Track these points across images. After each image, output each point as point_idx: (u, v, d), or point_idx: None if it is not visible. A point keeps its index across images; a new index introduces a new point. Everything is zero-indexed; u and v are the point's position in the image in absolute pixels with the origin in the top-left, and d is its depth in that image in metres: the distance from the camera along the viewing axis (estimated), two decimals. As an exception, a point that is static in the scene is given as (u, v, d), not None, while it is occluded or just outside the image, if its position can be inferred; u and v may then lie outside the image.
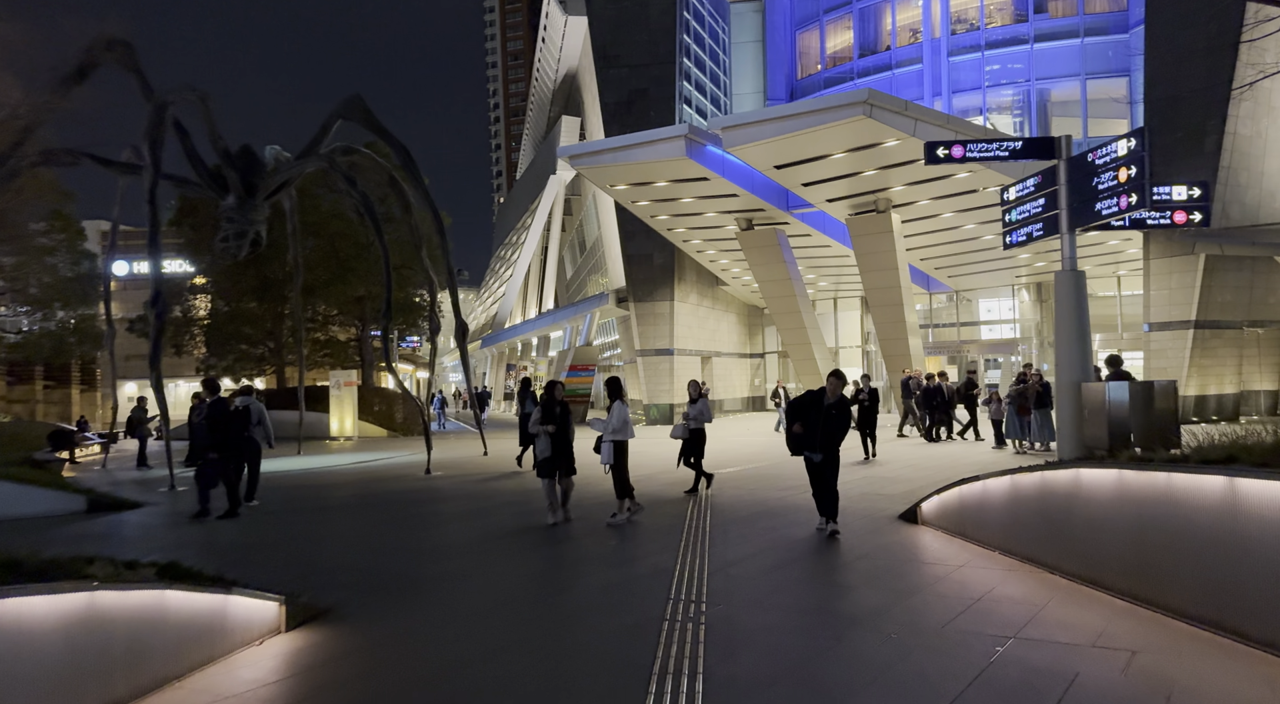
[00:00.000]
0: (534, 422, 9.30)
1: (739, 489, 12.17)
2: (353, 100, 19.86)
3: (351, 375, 30.61)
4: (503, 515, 10.44)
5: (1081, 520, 5.99)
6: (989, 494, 7.27)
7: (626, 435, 9.12)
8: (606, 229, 43.13)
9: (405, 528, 9.83)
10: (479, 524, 9.87)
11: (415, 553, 8.23)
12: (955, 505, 7.88)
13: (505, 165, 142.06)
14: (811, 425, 8.16)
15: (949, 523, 8.00)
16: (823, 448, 8.16)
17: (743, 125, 20.23)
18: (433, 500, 12.35)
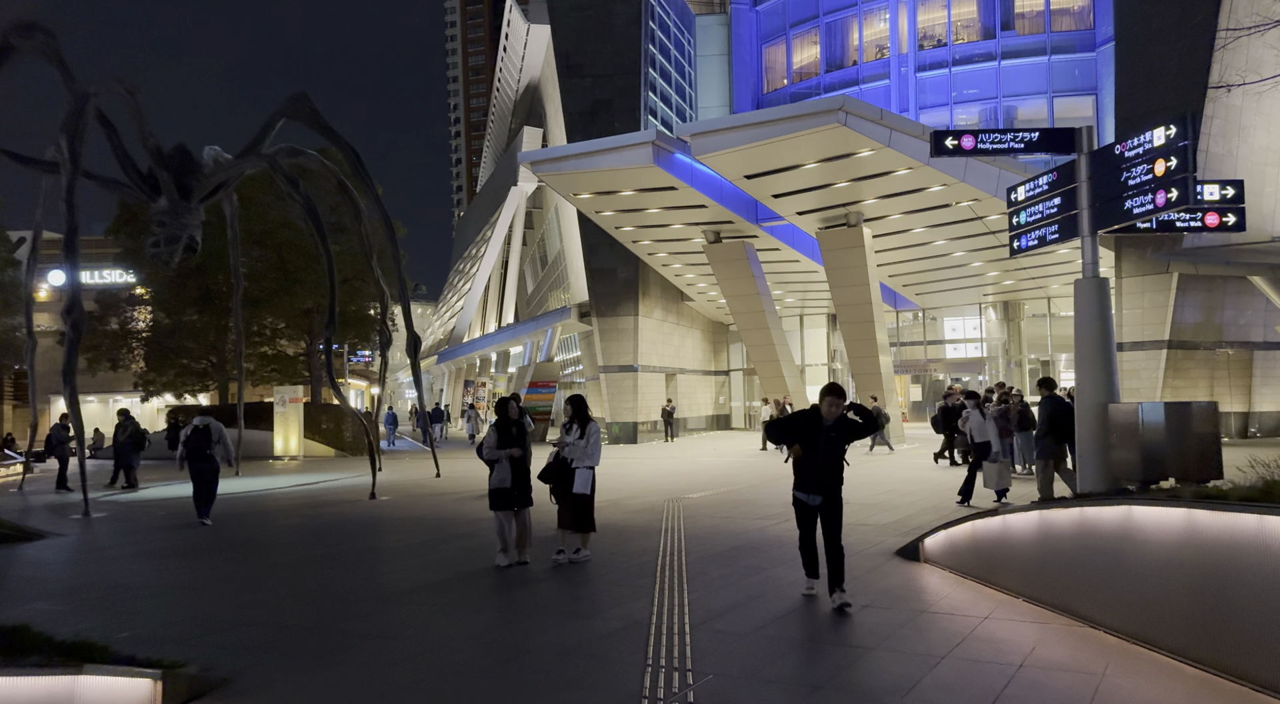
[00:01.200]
0: (489, 446, 8.15)
1: (713, 517, 11.12)
2: (298, 98, 18.62)
3: (297, 391, 29.07)
4: (449, 551, 9.25)
5: (1135, 568, 5.04)
6: (1011, 532, 6.31)
7: (596, 461, 8.04)
8: (569, 242, 42.08)
9: (336, 568, 8.60)
10: (421, 563, 8.67)
11: (343, 601, 7.03)
12: (967, 543, 6.91)
13: (466, 180, 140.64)
14: (805, 456, 6.39)
15: (959, 562, 7.03)
16: (821, 487, 6.35)
17: (713, 132, 19.38)
18: (372, 532, 11.11)
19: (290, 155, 19.59)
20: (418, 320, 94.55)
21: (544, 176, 22.41)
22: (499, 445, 8.10)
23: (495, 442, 8.12)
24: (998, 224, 24.52)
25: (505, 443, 8.12)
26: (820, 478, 6.37)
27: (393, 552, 9.44)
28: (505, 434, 8.18)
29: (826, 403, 6.54)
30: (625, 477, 17.44)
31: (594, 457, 8.00)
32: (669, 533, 9.91)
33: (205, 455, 12.29)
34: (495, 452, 8.07)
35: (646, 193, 22.91)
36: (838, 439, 6.47)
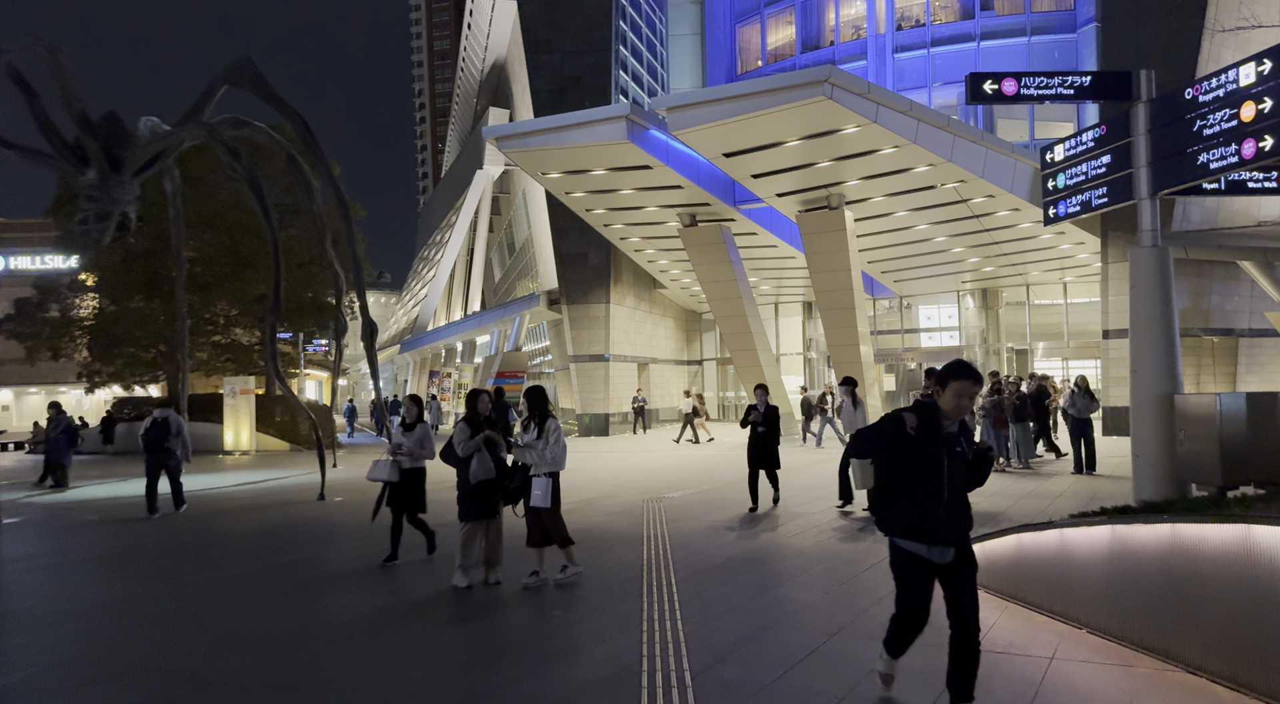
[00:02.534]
0: (461, 440, 6.98)
1: (699, 521, 10.02)
2: (242, 63, 17.13)
3: (249, 382, 27.49)
4: (402, 566, 8.04)
5: (1256, 603, 4.01)
6: (1072, 550, 5.26)
7: (559, 466, 6.85)
8: (537, 227, 40.72)
9: (266, 589, 7.35)
10: (367, 583, 7.46)
11: (267, 636, 5.82)
12: (1011, 560, 5.87)
13: (432, 167, 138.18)
14: (922, 482, 3.96)
15: (1001, 583, 5.99)
16: (952, 531, 4.00)
17: (691, 105, 18.21)
18: (316, 540, 9.86)
19: (235, 126, 18.11)
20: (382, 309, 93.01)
21: (510, 153, 21.10)
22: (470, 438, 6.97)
23: (468, 435, 6.96)
24: (982, 207, 23.70)
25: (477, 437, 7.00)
26: (950, 516, 3.94)
27: (335, 567, 8.21)
28: (477, 431, 7.03)
29: (954, 392, 3.92)
30: (598, 473, 16.31)
31: (557, 461, 6.81)
32: (652, 541, 8.79)
33: (163, 449, 12.26)
34: (469, 444, 6.92)
35: (619, 172, 21.70)
36: (964, 453, 4.03)
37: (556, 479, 6.82)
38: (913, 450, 3.96)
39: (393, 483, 7.85)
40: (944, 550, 4.01)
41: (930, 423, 3.97)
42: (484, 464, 6.97)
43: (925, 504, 3.95)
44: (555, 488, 6.79)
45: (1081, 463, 14.23)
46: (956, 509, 4.00)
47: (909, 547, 4.05)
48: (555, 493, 6.78)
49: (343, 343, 20.33)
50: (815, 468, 15.93)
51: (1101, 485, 12.51)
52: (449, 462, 7.11)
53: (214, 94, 17.26)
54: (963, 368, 4.02)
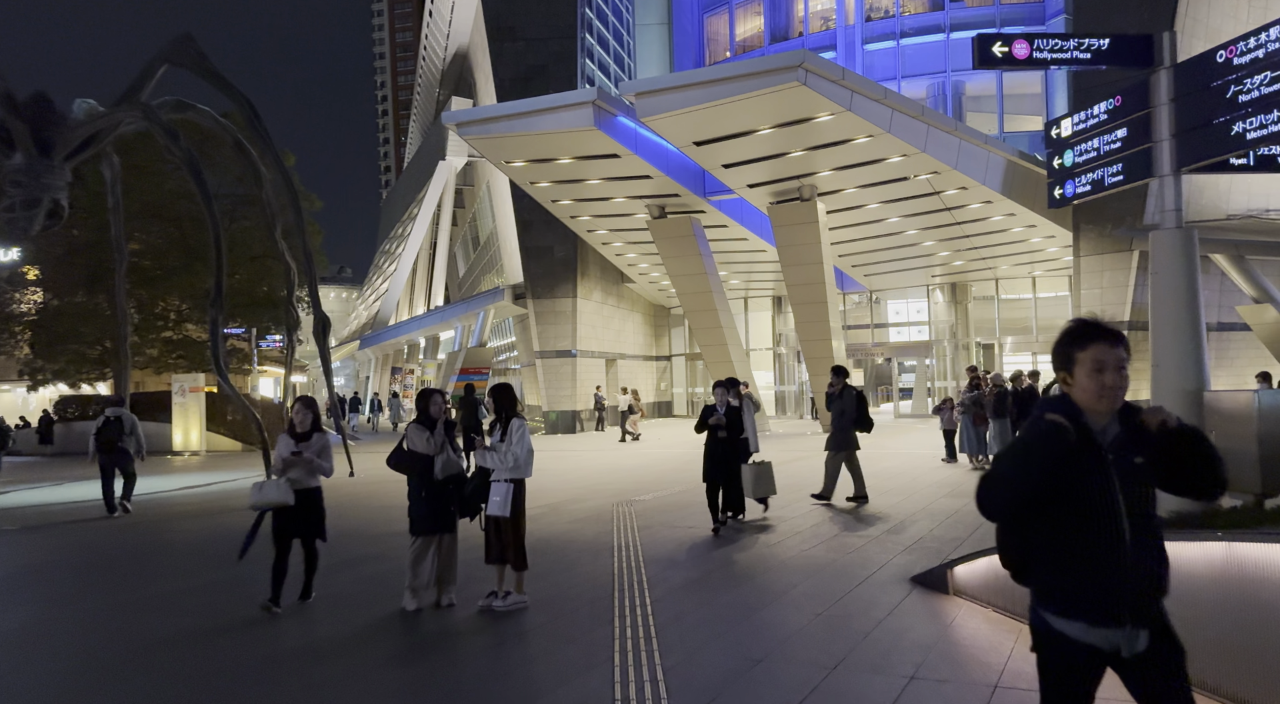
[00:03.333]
0: (428, 439, 6.25)
1: (672, 527, 9.34)
2: (182, 42, 16.15)
3: (198, 379, 26.33)
4: (344, 584, 7.26)
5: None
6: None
7: (525, 472, 6.13)
8: (502, 220, 39.81)
9: (186, 613, 6.53)
10: (304, 609, 6.67)
11: (171, 679, 5.03)
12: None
13: (394, 161, 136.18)
14: (1086, 526, 2.43)
15: (1014, 603, 5.38)
16: (1139, 604, 2.46)
17: (661, 91, 17.51)
18: (254, 555, 9.00)
19: (177, 109, 17.11)
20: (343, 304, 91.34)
21: (472, 141, 20.24)
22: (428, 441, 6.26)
23: (427, 436, 6.24)
24: (954, 200, 23.32)
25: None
26: (1137, 573, 2.44)
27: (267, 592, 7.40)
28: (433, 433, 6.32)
29: (1092, 365, 2.46)
30: (565, 474, 15.58)
31: (521, 466, 6.07)
32: (623, 550, 8.11)
33: (117, 449, 12.13)
34: (432, 439, 6.21)
35: (586, 161, 20.94)
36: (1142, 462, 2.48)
37: (520, 486, 6.10)
38: (1067, 478, 2.44)
39: (285, 507, 6.29)
40: (1133, 633, 2.44)
41: (1079, 431, 2.44)
42: (450, 459, 6.28)
43: (1095, 560, 2.42)
44: (518, 495, 6.07)
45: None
46: (1146, 558, 2.44)
47: (1068, 629, 2.49)
48: (518, 501, 6.06)
49: (296, 338, 19.43)
50: (784, 467, 15.33)
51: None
52: (400, 468, 6.36)
53: (153, 74, 16.25)
54: (1094, 328, 2.49)
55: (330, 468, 6.49)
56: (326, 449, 6.50)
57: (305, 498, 6.42)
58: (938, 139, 20.48)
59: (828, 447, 10.95)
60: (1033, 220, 24.87)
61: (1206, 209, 23.76)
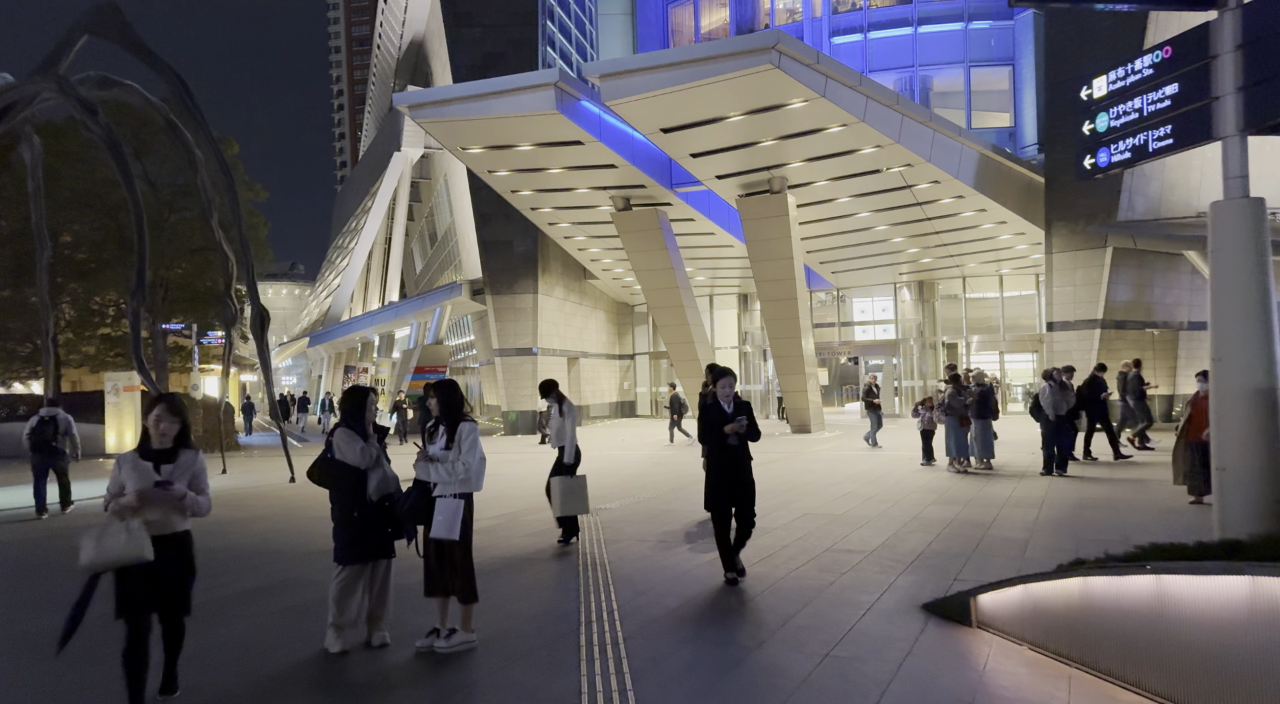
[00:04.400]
0: (361, 450, 5.22)
1: (643, 542, 8.40)
2: (104, 10, 14.81)
3: (133, 378, 24.75)
4: (259, 617, 6.19)
5: None
6: (1177, 604, 3.80)
7: (476, 485, 5.14)
8: (460, 214, 38.56)
9: (62, 655, 5.42)
10: (206, 645, 5.60)
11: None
12: (1075, 613, 4.42)
13: (350, 156, 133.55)
14: None
15: (1053, 640, 4.54)
16: None
17: (627, 72, 16.55)
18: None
19: (101, 86, 15.74)
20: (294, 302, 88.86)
21: (427, 125, 19.10)
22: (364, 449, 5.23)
23: (360, 443, 5.22)
24: (926, 194, 22.73)
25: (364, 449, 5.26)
26: None
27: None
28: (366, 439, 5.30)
29: None
30: (524, 479, 14.56)
31: (471, 478, 5.08)
32: (589, 571, 7.15)
33: (51, 448, 11.90)
34: (367, 450, 5.20)
35: (548, 148, 19.92)
36: None
37: (469, 502, 5.11)
38: None
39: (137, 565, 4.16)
40: None
41: None
42: (386, 474, 5.26)
43: None
44: (467, 513, 5.08)
45: (1052, 464, 13.18)
46: None
47: None
48: (466, 521, 5.07)
49: (235, 333, 18.16)
50: (761, 468, 14.47)
51: (1088, 491, 11.37)
52: (324, 482, 5.34)
53: (72, 44, 14.89)
54: None
55: (208, 503, 4.39)
56: (200, 474, 4.41)
57: (167, 549, 4.22)
58: (912, 130, 19.84)
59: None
60: (1003, 216, 24.40)
61: (1178, 206, 23.48)
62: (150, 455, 4.32)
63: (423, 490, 5.14)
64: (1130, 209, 22.22)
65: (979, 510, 9.81)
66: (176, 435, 4.37)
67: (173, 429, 4.36)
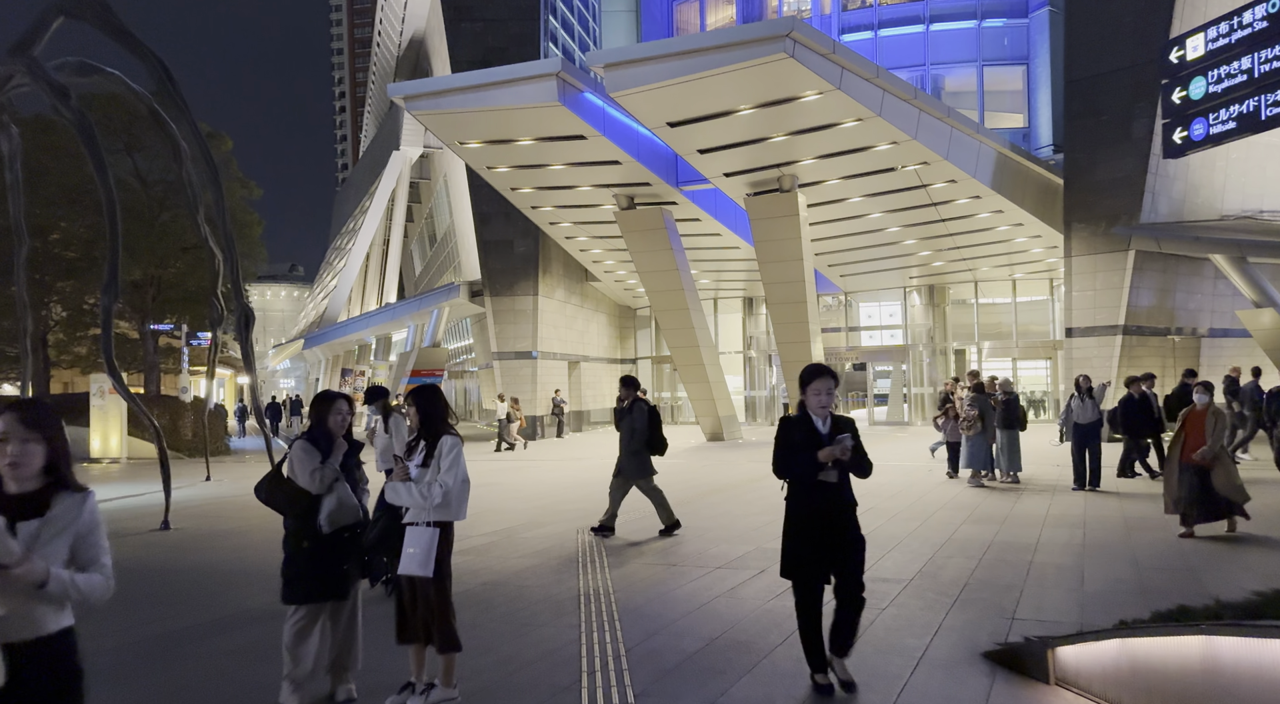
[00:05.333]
0: (313, 473, 4.39)
1: (651, 565, 7.55)
2: (82, -12, 14.04)
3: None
4: (202, 659, 5.37)
5: None
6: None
7: (456, 513, 4.30)
8: (459, 214, 37.80)
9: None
10: (140, 697, 4.77)
11: None
12: (1194, 676, 3.58)
13: (351, 158, 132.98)
14: None
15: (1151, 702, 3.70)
16: None
17: (633, 61, 15.76)
18: (117, 602, 7.05)
19: (81, 72, 14.93)
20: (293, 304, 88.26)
21: (424, 117, 18.30)
22: (323, 467, 4.39)
23: (317, 460, 4.39)
24: (941, 194, 21.93)
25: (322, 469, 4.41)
26: None
27: (111, 655, 5.48)
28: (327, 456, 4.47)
29: None
30: (523, 489, 13.74)
31: (451, 504, 4.20)
32: (592, 600, 6.32)
33: None
34: (322, 472, 4.35)
35: (549, 143, 19.11)
36: None
37: (447, 532, 4.27)
38: None
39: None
40: None
41: None
42: (343, 501, 4.42)
43: None
44: (444, 546, 4.24)
45: (1084, 477, 12.34)
46: None
47: None
48: (443, 554, 4.24)
49: (221, 333, 17.37)
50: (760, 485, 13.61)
51: (1131, 509, 10.53)
52: (272, 504, 4.52)
53: (47, 26, 14.07)
54: None
55: (104, 583, 2.42)
56: (89, 536, 2.46)
57: (27, 664, 2.31)
58: (929, 126, 19.05)
59: (616, 472, 9.31)
60: (1020, 218, 23.61)
61: (1201, 209, 22.68)
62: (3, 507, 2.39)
63: (393, 516, 4.31)
64: (1153, 211, 21.40)
65: (1018, 531, 8.98)
66: (44, 469, 2.44)
67: (31, 460, 2.40)
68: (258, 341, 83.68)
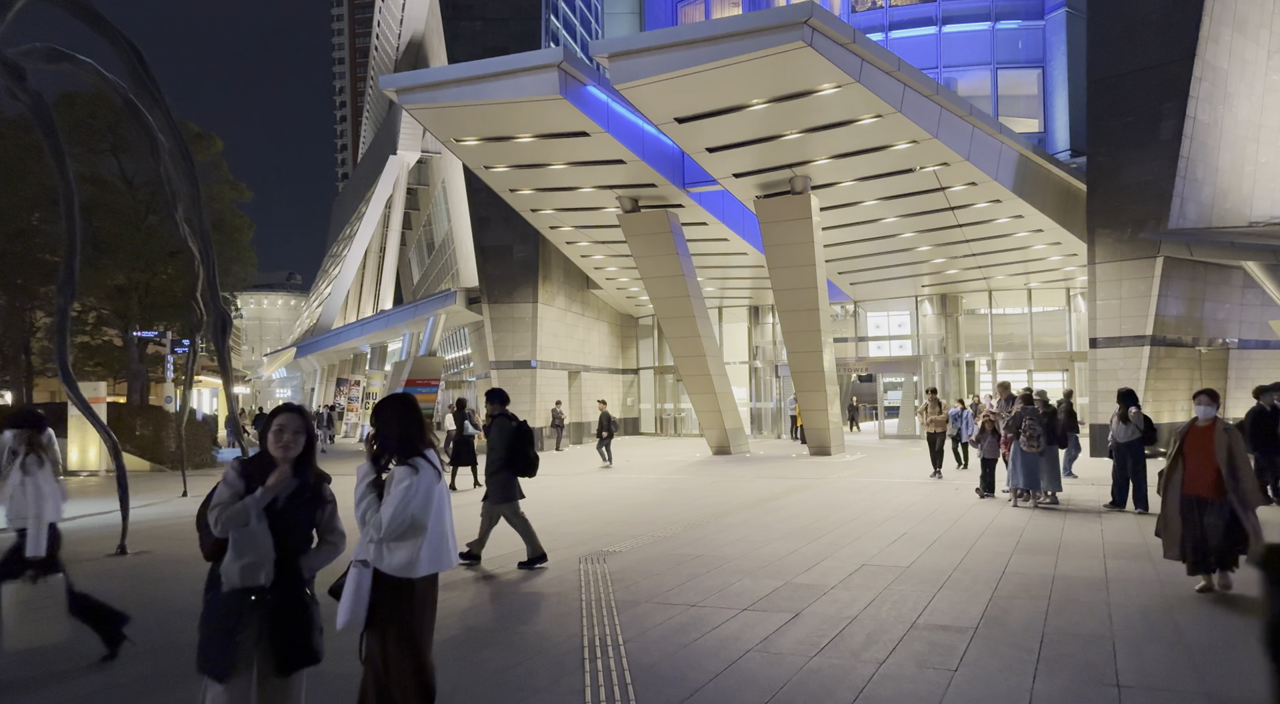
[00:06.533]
0: (213, 509, 3.34)
1: (668, 606, 6.50)
2: (48, -33, 13.06)
3: (99, 389, 22.89)
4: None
5: None
6: None
7: (435, 562, 3.26)
8: (457, 219, 36.86)
9: None
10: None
11: None
12: None
13: (352, 166, 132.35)
14: None
15: None
16: None
17: (640, 51, 14.79)
18: (44, 654, 5.99)
19: (50, 58, 13.93)
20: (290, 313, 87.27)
21: (418, 111, 17.32)
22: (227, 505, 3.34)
23: (238, 491, 3.35)
24: (960, 197, 20.96)
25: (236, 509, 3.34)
26: None
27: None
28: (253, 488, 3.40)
29: None
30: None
31: (389, 547, 3.27)
32: (598, 657, 5.27)
33: None
34: (230, 512, 3.29)
35: (550, 140, 18.14)
36: None
37: (428, 592, 3.23)
38: None
39: None
40: None
41: None
42: (245, 553, 3.32)
43: None
44: (397, 597, 3.20)
45: (1126, 497, 11.32)
46: None
47: None
48: (412, 618, 3.19)
49: (200, 339, 16.34)
50: (789, 497, 12.56)
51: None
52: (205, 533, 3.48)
53: (10, 6, 13.13)
54: None
55: None
56: None
57: None
58: (951, 125, 18.09)
59: (484, 497, 8.59)
60: (1040, 224, 22.63)
61: (1229, 215, 21.70)
62: None
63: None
64: (1182, 217, 20.41)
65: (1079, 563, 7.93)
66: None
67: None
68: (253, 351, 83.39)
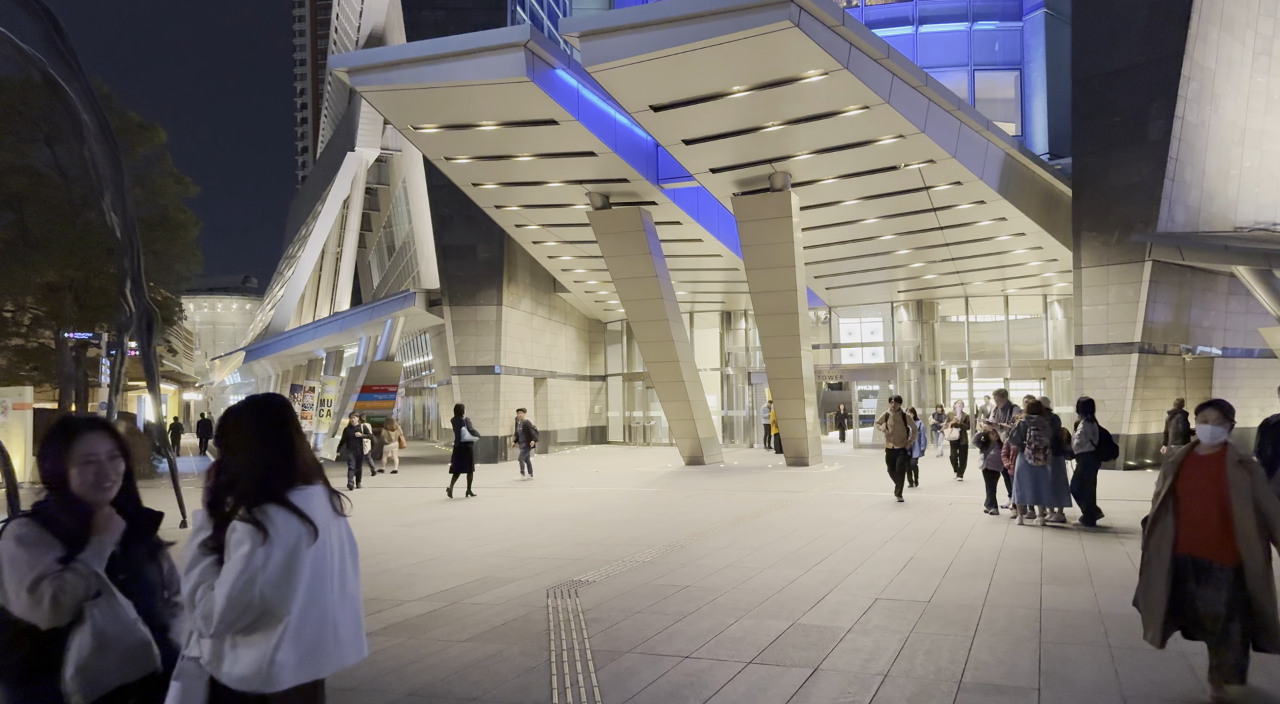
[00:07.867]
0: (35, 584, 2.10)
1: (654, 654, 5.34)
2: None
3: (23, 394, 21.19)
4: None
5: None
6: None
7: (309, 664, 2.08)
8: (418, 218, 35.42)
9: None
10: None
11: None
12: None
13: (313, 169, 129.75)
14: None
15: None
16: None
17: (614, 29, 13.68)
18: None
19: (-45, 25, 12.51)
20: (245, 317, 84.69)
21: (373, 95, 16.04)
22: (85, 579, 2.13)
23: (47, 570, 2.13)
24: (944, 197, 20.15)
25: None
26: None
27: None
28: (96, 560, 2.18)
29: None
30: (478, 529, 11.43)
31: (243, 646, 2.08)
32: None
33: None
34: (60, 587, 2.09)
35: (516, 128, 16.94)
36: None
37: (251, 699, 2.05)
38: None
39: None
40: None
41: None
42: (111, 636, 2.12)
43: None
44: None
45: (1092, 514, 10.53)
46: None
47: None
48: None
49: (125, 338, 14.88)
50: (778, 512, 11.45)
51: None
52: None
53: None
54: None
55: None
56: None
57: None
58: (939, 119, 17.25)
59: None
60: (1022, 228, 21.94)
61: (1216, 219, 21.14)
62: None
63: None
64: (1170, 220, 19.79)
65: (1118, 596, 6.91)
66: None
67: None
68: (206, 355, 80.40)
